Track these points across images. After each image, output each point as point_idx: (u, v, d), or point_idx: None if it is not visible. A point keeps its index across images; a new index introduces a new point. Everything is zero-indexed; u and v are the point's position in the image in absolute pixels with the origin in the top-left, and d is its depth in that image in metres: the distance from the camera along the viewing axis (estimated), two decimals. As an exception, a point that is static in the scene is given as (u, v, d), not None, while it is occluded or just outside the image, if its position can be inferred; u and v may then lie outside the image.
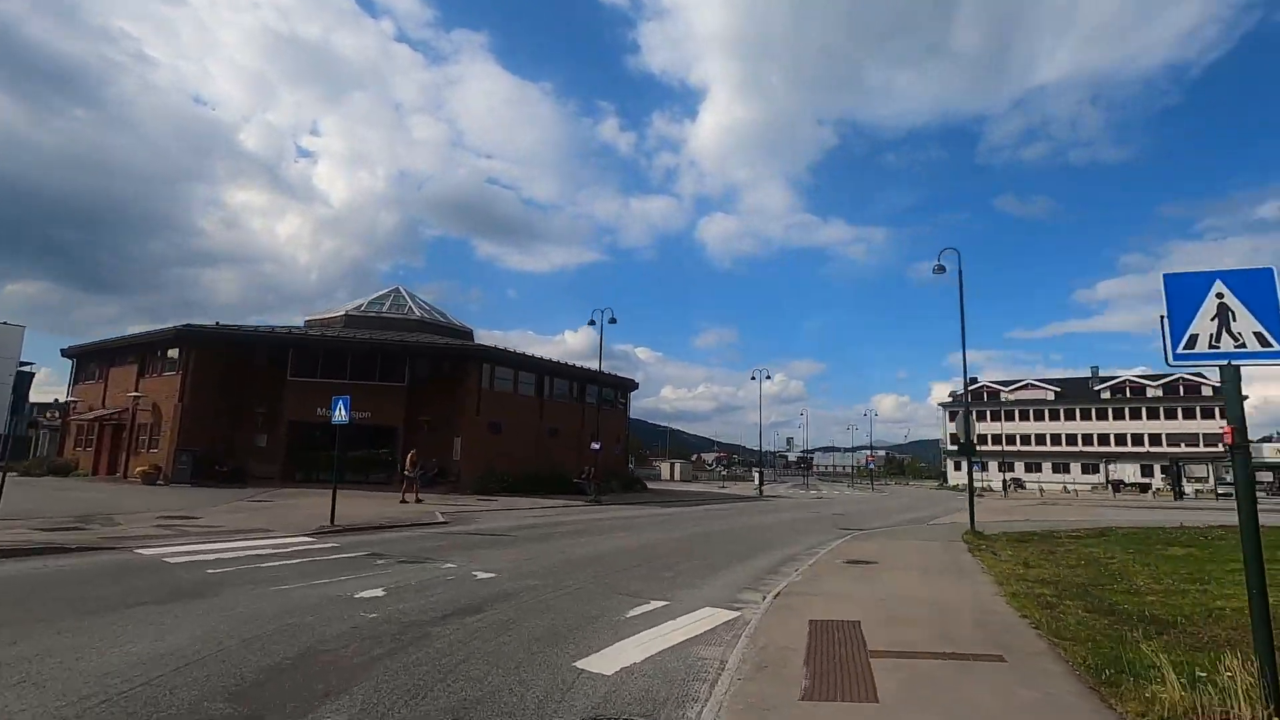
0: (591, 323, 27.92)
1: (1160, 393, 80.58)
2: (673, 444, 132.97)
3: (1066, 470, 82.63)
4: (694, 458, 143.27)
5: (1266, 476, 73.27)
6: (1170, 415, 79.29)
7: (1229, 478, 69.49)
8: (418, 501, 20.97)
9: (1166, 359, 4.38)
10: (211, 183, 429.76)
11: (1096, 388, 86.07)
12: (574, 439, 34.24)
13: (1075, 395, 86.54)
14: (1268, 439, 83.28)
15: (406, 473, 21.85)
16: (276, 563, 9.81)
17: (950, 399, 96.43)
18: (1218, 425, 76.63)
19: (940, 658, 5.49)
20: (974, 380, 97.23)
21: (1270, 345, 4.06)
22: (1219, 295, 4.23)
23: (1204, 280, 4.28)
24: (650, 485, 46.18)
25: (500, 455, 29.12)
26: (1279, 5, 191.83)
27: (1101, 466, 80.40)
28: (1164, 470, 76.88)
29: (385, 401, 28.85)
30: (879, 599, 8.12)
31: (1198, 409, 77.92)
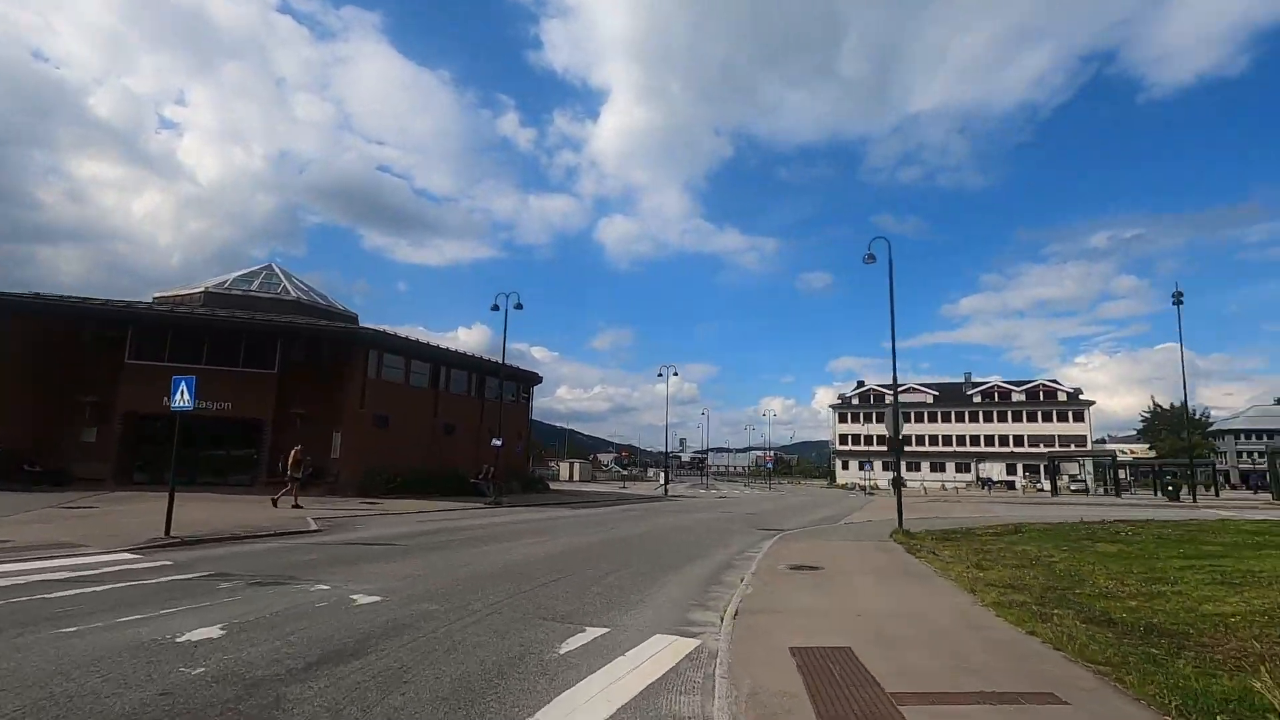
0: (495, 308, 25.74)
1: (1024, 397, 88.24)
2: (569, 444, 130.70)
3: (943, 469, 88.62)
4: (590, 458, 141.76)
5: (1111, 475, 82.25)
6: (1031, 418, 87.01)
7: (1079, 474, 76.43)
8: (296, 507, 18.09)
9: None
10: (52, 149, 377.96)
11: (969, 392, 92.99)
12: (472, 436, 31.72)
13: (951, 399, 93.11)
14: (1101, 441, 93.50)
15: (291, 474, 18.77)
16: (74, 591, 7.32)
17: (839, 401, 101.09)
18: (1071, 428, 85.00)
19: (983, 700, 4.30)
20: (861, 383, 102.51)
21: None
22: None
23: None
24: (551, 485, 44.21)
25: (387, 453, 26.23)
26: (1111, 60, 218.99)
27: (973, 465, 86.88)
28: (1027, 469, 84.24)
29: (250, 391, 25.18)
30: (852, 613, 6.98)
31: (1054, 413, 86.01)
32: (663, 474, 41.46)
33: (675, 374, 40.02)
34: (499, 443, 25.45)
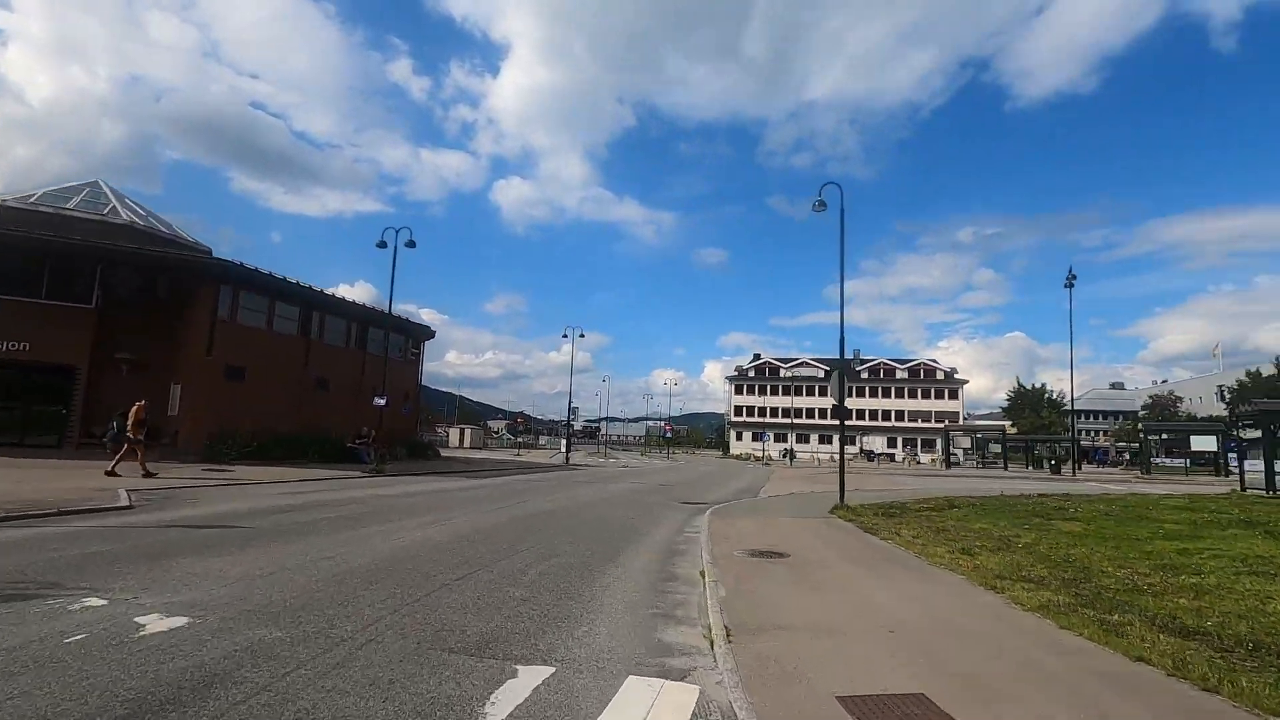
0: (382, 244, 22.15)
1: (906, 375, 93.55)
2: (460, 410, 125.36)
3: (830, 442, 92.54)
4: (481, 424, 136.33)
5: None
6: (912, 395, 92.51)
7: (954, 449, 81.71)
8: (147, 475, 14.34)
9: None
10: None
11: (858, 368, 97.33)
12: (350, 393, 27.92)
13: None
14: (969, 418, 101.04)
15: (133, 436, 14.77)
16: None
17: (736, 373, 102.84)
18: (947, 405, 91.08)
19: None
20: (757, 356, 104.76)
21: None
22: None
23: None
24: (441, 453, 40.88)
25: (242, 411, 22.21)
26: (985, 68, 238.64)
27: (858, 439, 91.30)
28: (906, 443, 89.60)
29: (58, 329, 20.29)
30: (880, 627, 5.22)
31: (933, 390, 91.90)
32: (564, 441, 39.23)
33: (582, 335, 37.84)
34: (383, 402, 22.18)
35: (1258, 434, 51.44)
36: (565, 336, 38.97)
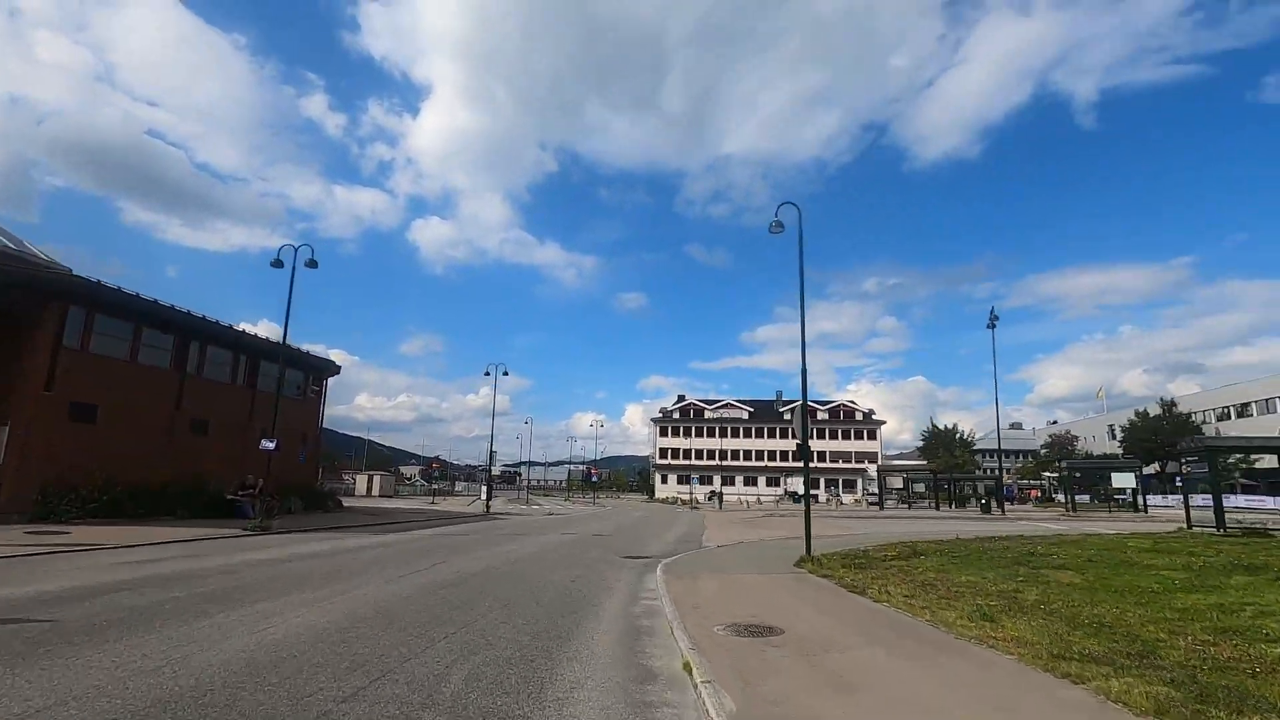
0: (278, 263, 19.44)
1: (827, 416, 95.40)
2: (370, 455, 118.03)
3: (755, 483, 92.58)
4: (393, 470, 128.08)
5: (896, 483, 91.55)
6: (833, 435, 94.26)
7: (873, 490, 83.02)
8: None
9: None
10: None
11: (780, 409, 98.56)
12: (235, 437, 24.35)
13: (764, 415, 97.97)
14: (889, 458, 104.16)
15: None
16: None
17: (661, 415, 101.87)
18: (866, 445, 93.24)
19: None
20: (682, 398, 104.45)
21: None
22: None
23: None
24: (345, 502, 36.95)
25: (92, 458, 18.54)
26: (885, 132, 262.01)
27: (781, 480, 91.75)
28: (828, 483, 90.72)
29: None
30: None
31: (852, 431, 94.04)
32: (484, 488, 36.35)
33: (505, 373, 35.50)
34: (271, 445, 19.10)
35: (1153, 469, 54.02)
36: (487, 374, 36.46)
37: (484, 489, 36.92)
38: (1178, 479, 59.66)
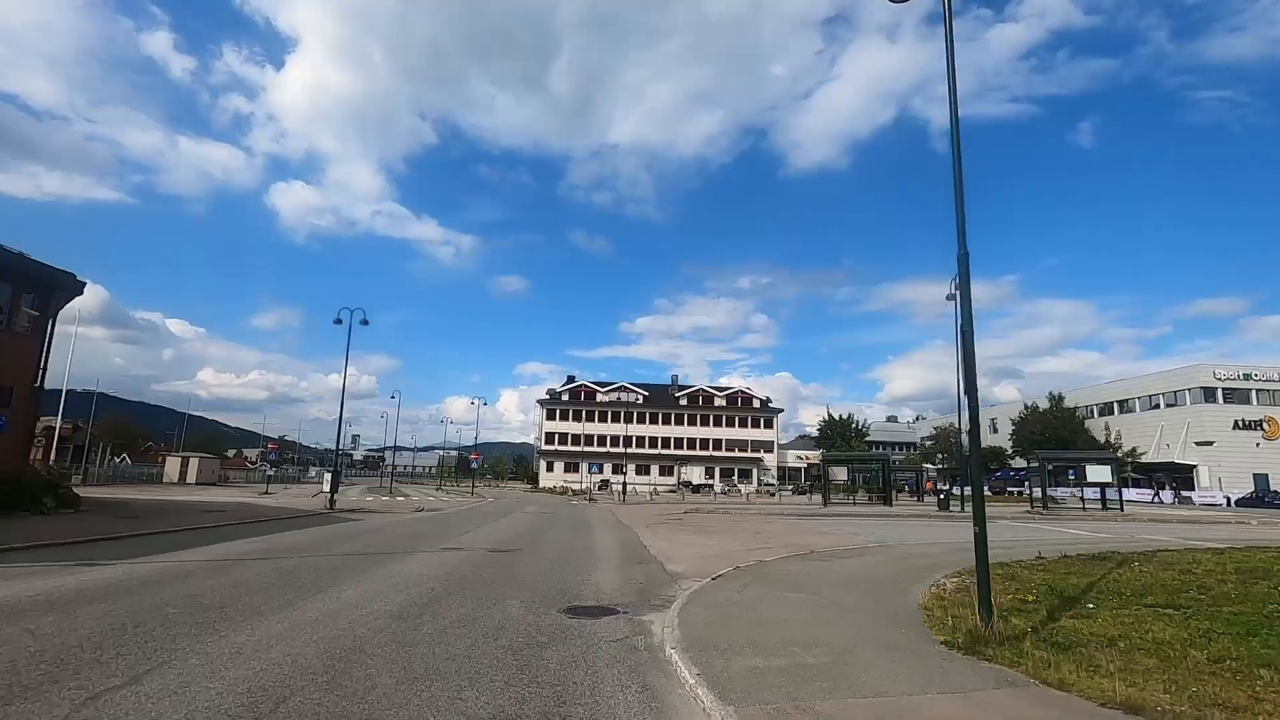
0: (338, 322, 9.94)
1: (725, 403, 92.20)
2: (210, 436, 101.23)
3: (649, 472, 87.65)
4: (232, 454, 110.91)
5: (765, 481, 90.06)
6: (730, 423, 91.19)
7: (773, 482, 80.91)
8: None
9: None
10: None
11: (676, 394, 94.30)
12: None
13: (659, 400, 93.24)
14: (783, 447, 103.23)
15: None
16: None
17: (549, 397, 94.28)
18: (763, 434, 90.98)
19: None
20: (571, 379, 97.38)
21: None
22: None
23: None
24: (134, 496, 27.00)
25: None
26: (764, 136, 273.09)
27: (676, 468, 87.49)
28: (724, 473, 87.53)
29: None
30: None
31: (750, 419, 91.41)
32: (329, 475, 27.70)
33: (365, 322, 27.13)
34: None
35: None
36: (339, 322, 27.67)
37: (328, 476, 28.15)
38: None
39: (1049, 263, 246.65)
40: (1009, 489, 61.76)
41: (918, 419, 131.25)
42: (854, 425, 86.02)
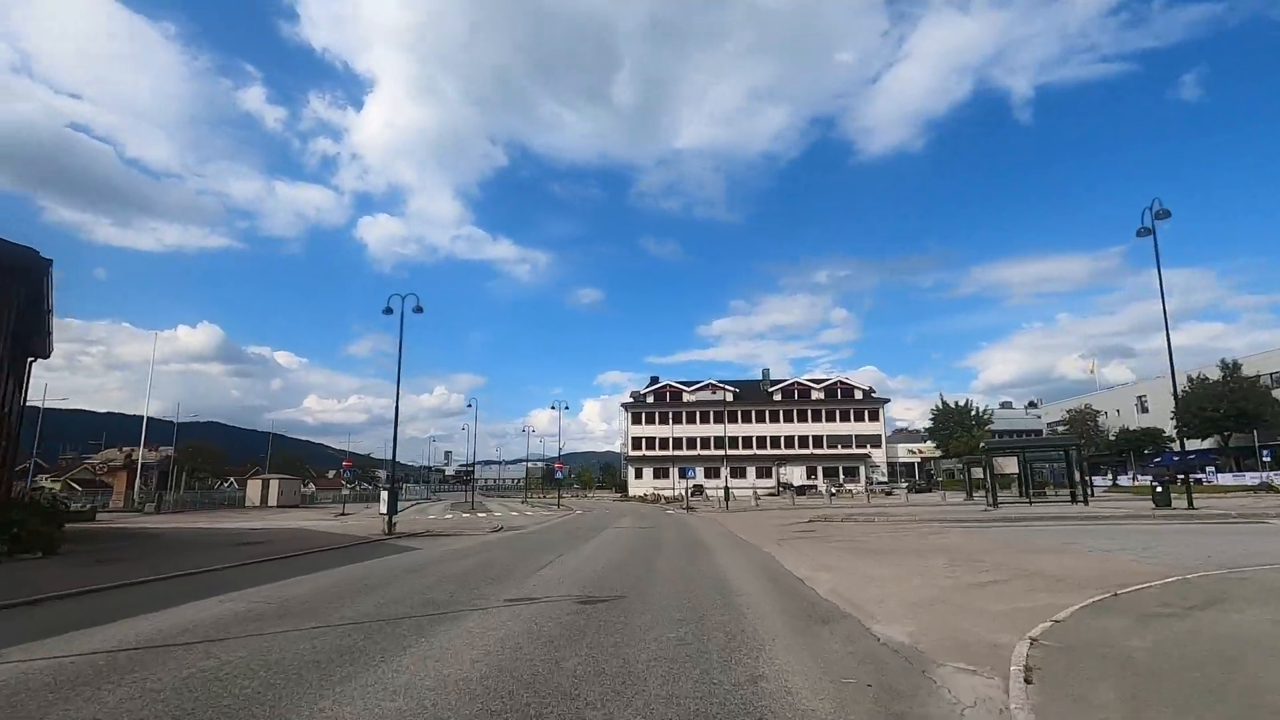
0: (388, 311, 6.03)
1: (823, 396, 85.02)
2: (316, 459, 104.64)
3: (744, 474, 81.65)
4: (332, 474, 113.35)
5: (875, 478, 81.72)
6: (830, 417, 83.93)
7: (879, 477, 73.53)
8: None
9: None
10: None
11: (768, 390, 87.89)
12: None
13: (750, 397, 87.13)
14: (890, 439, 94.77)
15: None
16: None
17: (632, 400, 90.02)
18: (868, 427, 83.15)
19: None
20: (655, 380, 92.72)
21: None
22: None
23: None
24: (192, 524, 24.27)
25: None
26: (833, 126, 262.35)
27: (774, 469, 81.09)
28: (826, 471, 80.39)
29: None
30: None
31: (852, 411, 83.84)
32: (386, 493, 23.91)
33: (419, 309, 23.37)
34: None
35: (1212, 443, 43.99)
36: (389, 312, 23.96)
37: (385, 495, 24.39)
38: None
39: (1159, 229, 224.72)
40: (1194, 477, 51.92)
41: (1030, 406, 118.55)
42: (974, 412, 76.93)
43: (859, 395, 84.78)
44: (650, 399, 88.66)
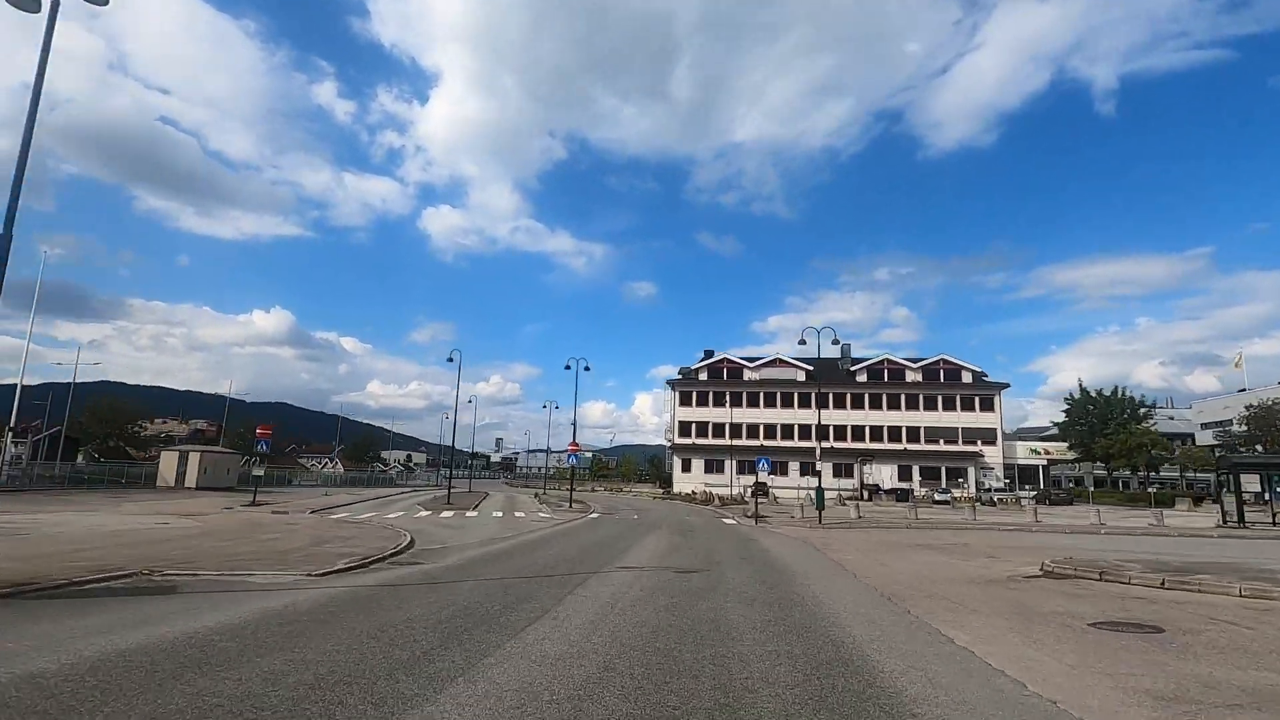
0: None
1: (920, 377, 69.58)
2: (373, 440, 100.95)
3: (813, 470, 67.30)
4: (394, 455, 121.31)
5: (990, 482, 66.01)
6: (930, 405, 68.42)
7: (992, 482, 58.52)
8: None
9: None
10: None
11: (850, 369, 73.00)
12: None
13: (829, 377, 72.47)
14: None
15: None
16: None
17: (680, 376, 76.39)
18: (979, 418, 67.47)
19: None
20: (709, 353, 78.60)
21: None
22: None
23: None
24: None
25: None
26: (898, 120, 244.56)
27: (856, 467, 66.41)
28: (924, 471, 65.27)
29: None
30: None
31: (958, 398, 68.12)
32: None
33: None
34: None
35: None
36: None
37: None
38: None
39: (1254, 228, 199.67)
40: None
41: (1240, 391, 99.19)
42: (1128, 402, 60.25)
43: (967, 378, 68.87)
44: (704, 375, 74.75)
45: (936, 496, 56.29)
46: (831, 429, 69.09)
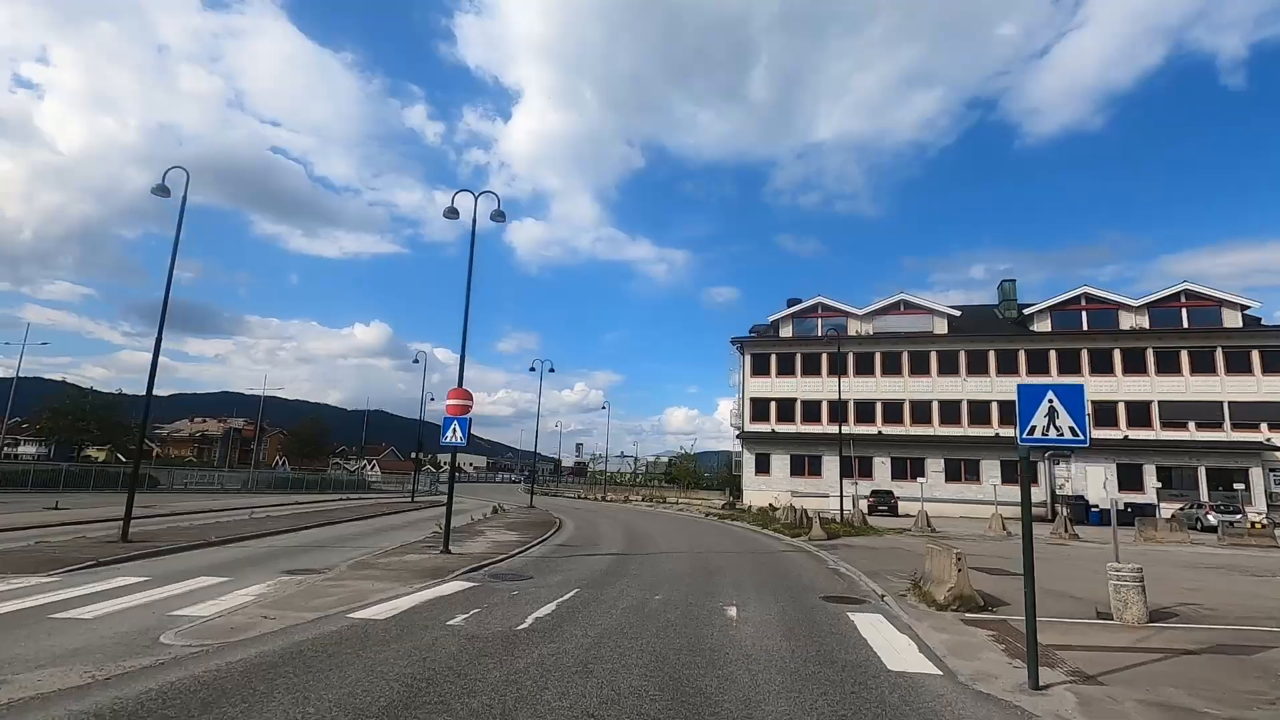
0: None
1: (1146, 321, 44.15)
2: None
3: (974, 474, 43.52)
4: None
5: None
6: (1166, 367, 42.98)
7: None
8: None
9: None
10: None
11: (1017, 317, 48.62)
12: None
13: (984, 325, 48.39)
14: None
15: None
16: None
17: (752, 334, 53.94)
18: (1262, 385, 41.64)
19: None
20: (796, 301, 55.50)
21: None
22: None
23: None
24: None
25: None
26: (993, 108, 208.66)
27: (1046, 466, 42.10)
28: (1161, 477, 40.28)
29: None
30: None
31: (1219, 354, 42.36)
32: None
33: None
34: None
35: None
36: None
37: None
38: None
39: None
40: None
41: None
42: None
43: (1232, 319, 42.82)
44: (787, 331, 51.97)
45: (1210, 518, 32.14)
46: (989, 405, 44.96)
